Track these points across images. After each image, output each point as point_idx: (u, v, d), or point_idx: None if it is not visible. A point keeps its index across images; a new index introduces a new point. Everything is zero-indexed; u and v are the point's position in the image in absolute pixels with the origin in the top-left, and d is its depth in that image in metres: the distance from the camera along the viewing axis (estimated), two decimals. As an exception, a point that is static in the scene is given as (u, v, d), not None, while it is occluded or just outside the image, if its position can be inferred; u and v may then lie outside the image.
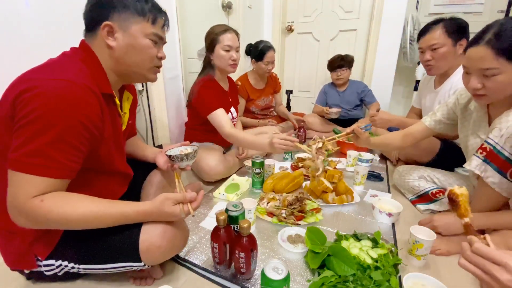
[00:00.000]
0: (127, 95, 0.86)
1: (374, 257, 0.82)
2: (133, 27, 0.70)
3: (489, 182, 0.83)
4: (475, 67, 0.82)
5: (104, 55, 0.70)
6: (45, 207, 0.56)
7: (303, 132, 2.06)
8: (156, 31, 0.73)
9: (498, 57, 0.76)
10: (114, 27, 0.68)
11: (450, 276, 0.85)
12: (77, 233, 0.72)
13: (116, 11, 0.68)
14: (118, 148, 0.78)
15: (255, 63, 2.01)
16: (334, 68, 2.20)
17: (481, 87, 0.82)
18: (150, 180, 1.06)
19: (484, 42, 0.78)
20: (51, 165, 0.56)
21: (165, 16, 0.77)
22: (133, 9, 0.69)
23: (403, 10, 2.19)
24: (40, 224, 0.59)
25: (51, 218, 0.57)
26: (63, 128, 0.56)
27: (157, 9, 0.74)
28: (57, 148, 0.56)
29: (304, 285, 0.80)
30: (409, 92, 2.70)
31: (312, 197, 1.27)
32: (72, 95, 0.58)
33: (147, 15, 0.71)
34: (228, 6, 2.15)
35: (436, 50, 1.29)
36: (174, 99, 1.77)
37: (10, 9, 0.98)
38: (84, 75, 0.62)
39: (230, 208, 0.88)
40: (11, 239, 0.70)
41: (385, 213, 1.09)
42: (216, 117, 1.37)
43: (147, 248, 0.70)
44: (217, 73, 1.51)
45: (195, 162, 1.48)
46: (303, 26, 2.74)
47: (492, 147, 0.81)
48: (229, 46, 1.40)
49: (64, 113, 0.56)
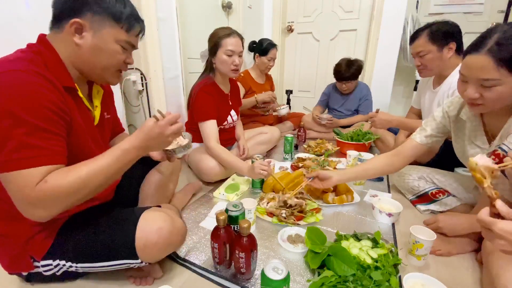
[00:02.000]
0: (97, 88, 0.82)
1: (374, 257, 0.81)
2: (105, 31, 0.67)
3: (499, 189, 0.81)
4: (474, 76, 0.77)
5: (68, 49, 0.68)
6: (51, 185, 0.55)
7: (303, 132, 2.06)
8: (128, 39, 0.71)
9: (499, 67, 0.71)
10: (84, 26, 0.65)
11: (450, 276, 0.85)
12: (74, 231, 0.73)
13: (90, 11, 0.65)
14: (96, 143, 0.76)
15: (259, 57, 2.08)
16: (340, 79, 2.12)
17: (478, 96, 0.78)
18: (149, 180, 1.06)
19: (485, 51, 0.73)
20: (40, 153, 0.56)
21: (142, 25, 0.75)
22: (110, 13, 0.67)
23: (403, 10, 2.20)
24: (56, 204, 0.58)
25: (62, 193, 0.57)
26: (30, 116, 0.55)
27: (135, 17, 0.72)
28: (36, 136, 0.55)
29: (304, 285, 0.80)
30: (409, 92, 2.71)
31: (312, 197, 1.27)
32: (27, 82, 0.56)
33: (123, 22, 0.69)
34: (228, 6, 2.15)
35: (423, 56, 1.32)
36: (174, 99, 1.77)
37: (10, 9, 0.98)
38: (36, 65, 0.60)
39: (230, 208, 0.88)
40: (3, 242, 0.70)
41: (385, 213, 1.09)
42: (206, 128, 1.40)
43: (144, 245, 0.70)
44: (218, 76, 1.49)
45: (195, 162, 1.50)
46: (303, 26, 2.74)
47: (506, 153, 0.77)
48: (232, 51, 1.38)
49: (24, 102, 0.55)
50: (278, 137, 1.96)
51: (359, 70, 2.07)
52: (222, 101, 1.52)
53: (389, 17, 2.26)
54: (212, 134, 1.39)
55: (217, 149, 1.37)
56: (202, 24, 1.49)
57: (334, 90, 2.31)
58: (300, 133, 2.05)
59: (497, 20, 2.27)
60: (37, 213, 0.58)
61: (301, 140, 2.06)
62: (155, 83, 1.55)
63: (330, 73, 2.26)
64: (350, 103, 2.25)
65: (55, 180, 0.56)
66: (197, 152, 1.49)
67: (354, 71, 2.05)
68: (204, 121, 1.40)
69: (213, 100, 1.44)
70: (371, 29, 2.36)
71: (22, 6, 1.01)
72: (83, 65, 0.70)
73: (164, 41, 1.60)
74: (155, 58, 1.53)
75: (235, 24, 2.22)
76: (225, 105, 1.55)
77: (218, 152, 1.37)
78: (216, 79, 1.50)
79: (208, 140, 1.39)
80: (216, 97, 1.47)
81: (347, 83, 2.11)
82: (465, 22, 2.33)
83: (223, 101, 1.53)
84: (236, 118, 1.65)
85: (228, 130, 1.62)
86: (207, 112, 1.40)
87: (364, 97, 2.20)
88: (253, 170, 1.26)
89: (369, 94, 2.22)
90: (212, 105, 1.43)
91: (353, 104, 2.24)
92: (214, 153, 1.38)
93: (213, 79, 1.49)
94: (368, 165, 1.15)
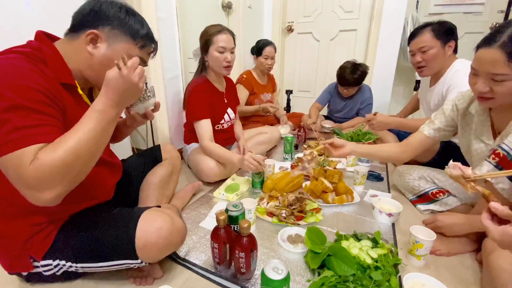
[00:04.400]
0: None
1: (374, 257, 0.82)
2: (119, 45, 0.71)
3: (499, 188, 0.81)
4: (484, 70, 0.77)
5: (79, 55, 0.69)
6: (43, 161, 0.53)
7: (303, 132, 2.06)
8: (140, 55, 0.74)
9: (510, 62, 0.72)
10: (100, 37, 0.69)
11: (450, 276, 0.85)
12: (74, 231, 0.73)
13: (110, 25, 0.69)
14: None
15: (256, 59, 2.10)
16: (343, 84, 2.08)
17: (488, 90, 0.78)
18: (149, 180, 1.06)
19: (498, 45, 0.73)
20: (30, 132, 0.54)
21: (155, 46, 0.79)
22: (127, 30, 0.71)
23: (403, 10, 2.20)
24: (55, 181, 0.55)
25: (57, 167, 0.54)
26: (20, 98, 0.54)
27: (150, 38, 0.76)
28: (27, 117, 0.54)
29: (304, 285, 0.80)
30: (409, 92, 2.71)
31: (312, 197, 1.27)
32: (17, 66, 0.56)
33: (138, 39, 0.73)
34: (228, 6, 2.15)
35: (426, 52, 1.32)
36: (174, 99, 1.77)
37: (10, 9, 0.98)
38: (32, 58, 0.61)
39: (230, 208, 0.88)
40: (3, 242, 0.70)
41: (385, 213, 1.09)
42: (199, 127, 1.41)
43: (144, 245, 0.70)
44: (212, 74, 1.49)
45: (194, 163, 1.49)
46: (303, 26, 2.74)
47: (506, 153, 0.77)
48: (223, 48, 1.37)
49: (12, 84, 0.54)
50: (278, 137, 1.96)
51: (362, 76, 2.02)
52: (217, 100, 1.52)
53: (389, 17, 2.25)
54: (205, 133, 1.40)
55: (210, 147, 1.38)
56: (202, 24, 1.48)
57: (335, 91, 2.28)
58: (300, 133, 2.05)
59: (497, 20, 2.27)
60: (42, 196, 0.55)
61: (301, 140, 2.06)
62: (155, 83, 1.55)
63: (330, 73, 2.25)
64: (350, 106, 2.22)
65: (45, 155, 0.53)
66: (197, 153, 1.49)
67: (357, 77, 2.00)
68: (198, 121, 1.41)
69: (206, 98, 1.44)
70: (371, 29, 2.35)
71: (22, 5, 1.01)
72: (91, 72, 0.72)
73: (164, 41, 1.60)
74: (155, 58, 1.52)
75: (235, 24, 2.22)
76: (220, 103, 1.54)
77: (211, 149, 1.37)
78: (210, 77, 1.50)
79: (201, 139, 1.40)
80: (209, 95, 1.47)
81: (350, 88, 2.09)
82: (465, 22, 2.33)
83: (218, 100, 1.53)
84: (234, 116, 1.64)
85: (226, 130, 1.62)
86: (200, 111, 1.41)
87: (367, 100, 2.16)
88: (243, 161, 1.27)
89: (372, 97, 2.18)
90: (205, 104, 1.43)
91: (354, 108, 2.21)
92: (208, 150, 1.39)
93: (206, 77, 1.49)
94: (381, 147, 1.20)
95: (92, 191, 0.80)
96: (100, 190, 0.84)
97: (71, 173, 0.57)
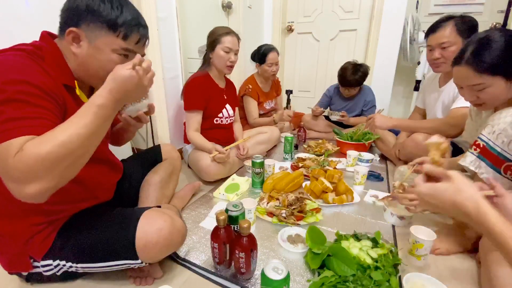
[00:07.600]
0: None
1: (374, 257, 0.82)
2: (99, 40, 0.65)
3: (484, 178, 0.82)
4: (463, 84, 0.86)
5: (70, 55, 0.68)
6: (28, 153, 0.50)
7: (303, 132, 2.06)
8: (127, 46, 0.68)
9: (480, 74, 0.79)
10: (81, 35, 0.65)
11: (450, 276, 0.85)
12: (74, 231, 0.73)
13: (86, 21, 0.64)
14: None
15: (259, 67, 2.00)
16: (344, 85, 2.07)
17: (476, 98, 0.85)
18: (149, 180, 1.06)
19: (464, 62, 0.81)
20: (20, 124, 0.53)
21: (142, 32, 0.71)
22: (104, 22, 0.64)
23: (403, 10, 2.20)
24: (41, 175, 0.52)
25: (44, 160, 0.51)
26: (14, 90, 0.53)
27: (134, 23, 0.68)
28: (20, 109, 0.53)
29: (304, 285, 0.80)
30: (409, 92, 2.71)
31: (312, 197, 1.27)
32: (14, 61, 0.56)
33: (119, 29, 0.66)
34: (228, 6, 2.15)
35: (446, 48, 1.24)
36: (174, 99, 1.77)
37: (10, 9, 0.98)
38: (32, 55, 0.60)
39: (230, 208, 0.88)
40: (3, 242, 0.70)
41: (396, 215, 1.08)
42: (189, 117, 1.51)
43: (144, 246, 0.70)
44: (214, 70, 1.56)
45: (194, 162, 1.50)
46: (303, 26, 2.74)
47: (485, 143, 0.81)
48: (229, 48, 1.46)
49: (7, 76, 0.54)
50: (278, 136, 1.96)
51: (363, 77, 2.00)
52: (215, 93, 1.56)
53: (389, 17, 2.25)
54: (193, 124, 1.49)
55: (193, 136, 1.49)
56: (202, 24, 1.50)
57: (336, 93, 2.26)
58: (300, 133, 2.05)
59: (497, 20, 2.27)
60: (25, 189, 0.51)
61: (301, 140, 2.06)
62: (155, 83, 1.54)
63: (330, 73, 2.24)
64: (352, 107, 2.20)
65: (31, 147, 0.50)
66: (196, 151, 1.50)
67: (359, 78, 1.99)
68: (188, 110, 1.49)
69: (203, 91, 1.50)
70: (371, 29, 2.35)
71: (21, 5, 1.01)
72: (81, 72, 0.70)
73: (164, 41, 1.60)
74: (155, 58, 1.53)
75: (235, 24, 2.22)
76: (219, 98, 1.59)
77: (194, 138, 1.49)
78: (212, 73, 1.56)
79: (188, 128, 1.51)
80: (207, 87, 1.52)
81: (351, 89, 2.08)
82: (465, 22, 2.33)
83: (217, 94, 1.57)
84: (233, 113, 1.68)
85: (226, 126, 1.65)
86: (193, 102, 1.49)
87: (371, 102, 2.14)
88: (214, 151, 1.40)
89: (374, 99, 2.16)
90: (200, 96, 1.49)
91: (355, 108, 2.20)
92: (192, 139, 1.50)
93: (208, 72, 1.55)
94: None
95: (93, 190, 0.80)
96: (101, 189, 0.84)
97: (58, 168, 0.53)
